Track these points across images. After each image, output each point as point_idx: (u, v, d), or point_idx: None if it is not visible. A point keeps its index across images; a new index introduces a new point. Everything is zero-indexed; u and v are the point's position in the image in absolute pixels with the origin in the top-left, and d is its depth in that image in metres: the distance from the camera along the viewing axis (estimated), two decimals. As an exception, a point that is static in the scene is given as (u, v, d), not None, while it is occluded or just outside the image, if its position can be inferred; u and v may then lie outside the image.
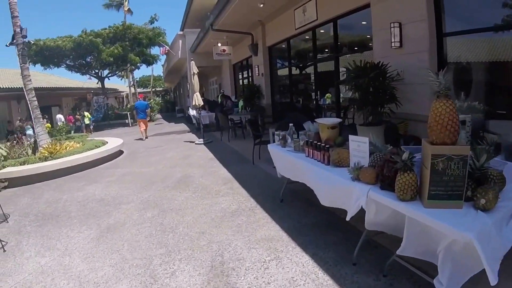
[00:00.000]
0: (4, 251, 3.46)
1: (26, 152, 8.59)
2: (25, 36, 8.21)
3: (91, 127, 18.44)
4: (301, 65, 9.51)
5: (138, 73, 47.25)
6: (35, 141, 8.76)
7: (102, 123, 20.83)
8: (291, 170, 3.54)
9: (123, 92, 37.88)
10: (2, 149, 7.26)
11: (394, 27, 4.71)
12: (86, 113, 18.63)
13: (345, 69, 6.03)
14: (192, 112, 12.76)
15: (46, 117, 17.20)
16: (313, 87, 8.61)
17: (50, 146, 8.11)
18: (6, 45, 8.17)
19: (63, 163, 6.96)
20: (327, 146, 2.93)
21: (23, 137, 11.53)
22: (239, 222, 3.60)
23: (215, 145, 8.94)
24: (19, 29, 8.10)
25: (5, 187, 6.59)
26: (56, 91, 23.66)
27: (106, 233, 3.69)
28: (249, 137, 9.29)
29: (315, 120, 3.49)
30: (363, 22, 6.16)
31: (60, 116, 17.18)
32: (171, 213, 4.07)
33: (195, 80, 9.57)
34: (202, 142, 9.42)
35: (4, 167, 6.88)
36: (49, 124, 15.43)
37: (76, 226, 3.99)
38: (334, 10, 6.54)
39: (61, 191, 5.81)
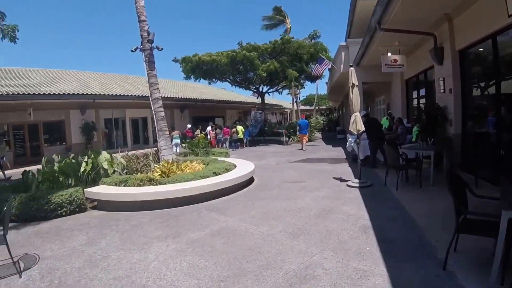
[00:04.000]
0: None
1: (149, 164, 7.88)
2: (152, 41, 7.43)
3: (245, 141, 18.04)
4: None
5: (305, 92, 47.65)
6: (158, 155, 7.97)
7: (257, 138, 20.23)
8: None
9: (287, 109, 38.30)
10: (107, 161, 6.47)
11: None
12: (239, 128, 18.25)
13: None
14: (349, 139, 9.62)
15: (200, 128, 17.98)
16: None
17: (166, 165, 6.97)
18: (132, 51, 7.58)
19: (159, 193, 5.42)
20: None
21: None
22: None
23: (375, 194, 5.66)
24: (146, 34, 7.40)
25: (93, 207, 5.60)
26: (220, 103, 25.48)
27: None
28: (429, 184, 5.92)
29: None
30: None
31: (208, 128, 17.49)
32: None
33: (355, 95, 6.47)
34: (358, 184, 6.30)
35: (103, 182, 5.99)
36: (202, 135, 15.70)
37: None
38: None
39: (124, 240, 4.11)
